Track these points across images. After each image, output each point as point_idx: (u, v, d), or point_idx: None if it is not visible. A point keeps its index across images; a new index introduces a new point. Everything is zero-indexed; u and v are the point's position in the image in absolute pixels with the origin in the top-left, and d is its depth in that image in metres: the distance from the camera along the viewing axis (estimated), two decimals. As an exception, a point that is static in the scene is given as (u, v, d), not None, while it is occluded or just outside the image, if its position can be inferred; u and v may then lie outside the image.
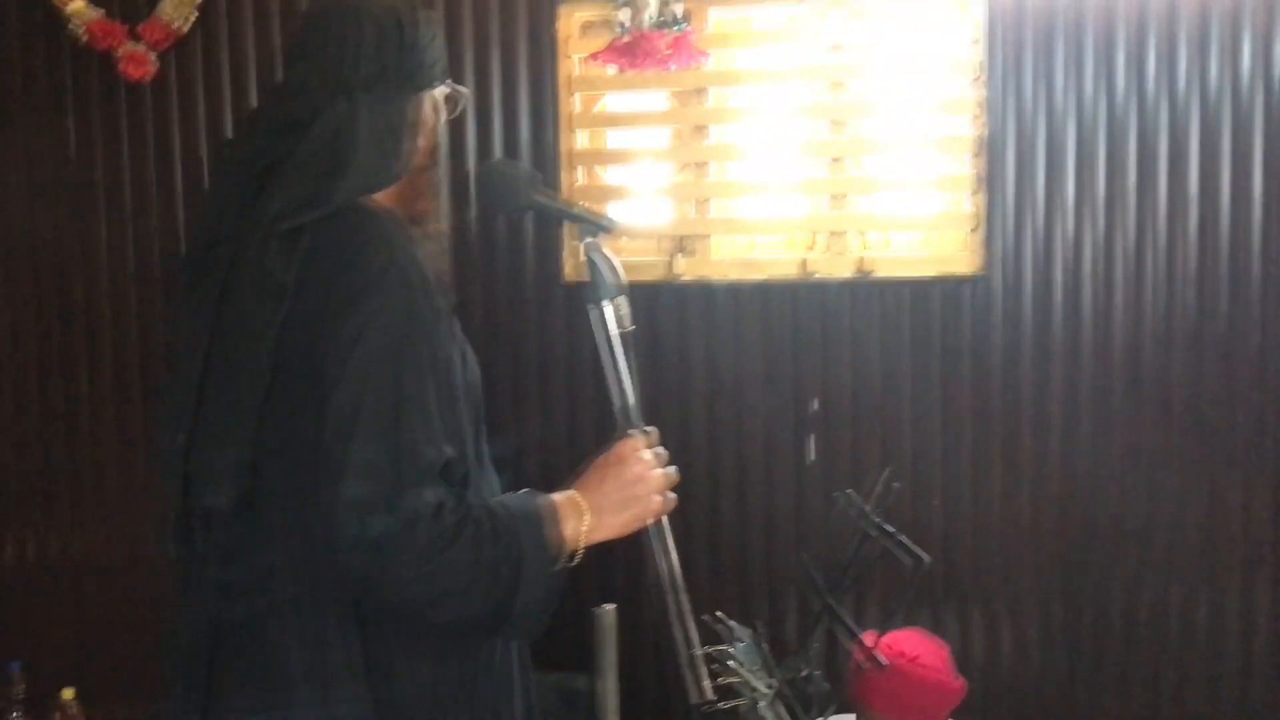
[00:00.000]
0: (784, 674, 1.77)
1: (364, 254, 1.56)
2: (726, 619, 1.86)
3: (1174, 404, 3.01)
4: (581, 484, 1.74)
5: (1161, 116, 2.97)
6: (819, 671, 1.85)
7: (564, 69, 3.13)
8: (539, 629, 1.69)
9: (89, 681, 3.38)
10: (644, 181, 3.21)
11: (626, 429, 1.81)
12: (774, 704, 1.65)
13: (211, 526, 1.65)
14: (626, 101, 3.20)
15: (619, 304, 1.80)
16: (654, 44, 2.21)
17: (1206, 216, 2.98)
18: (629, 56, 2.23)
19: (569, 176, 3.17)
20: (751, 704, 1.65)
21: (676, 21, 2.26)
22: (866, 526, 1.95)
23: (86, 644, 3.44)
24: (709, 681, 1.75)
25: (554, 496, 1.69)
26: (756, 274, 3.13)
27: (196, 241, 1.69)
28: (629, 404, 1.81)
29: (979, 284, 3.04)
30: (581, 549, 1.68)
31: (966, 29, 3.02)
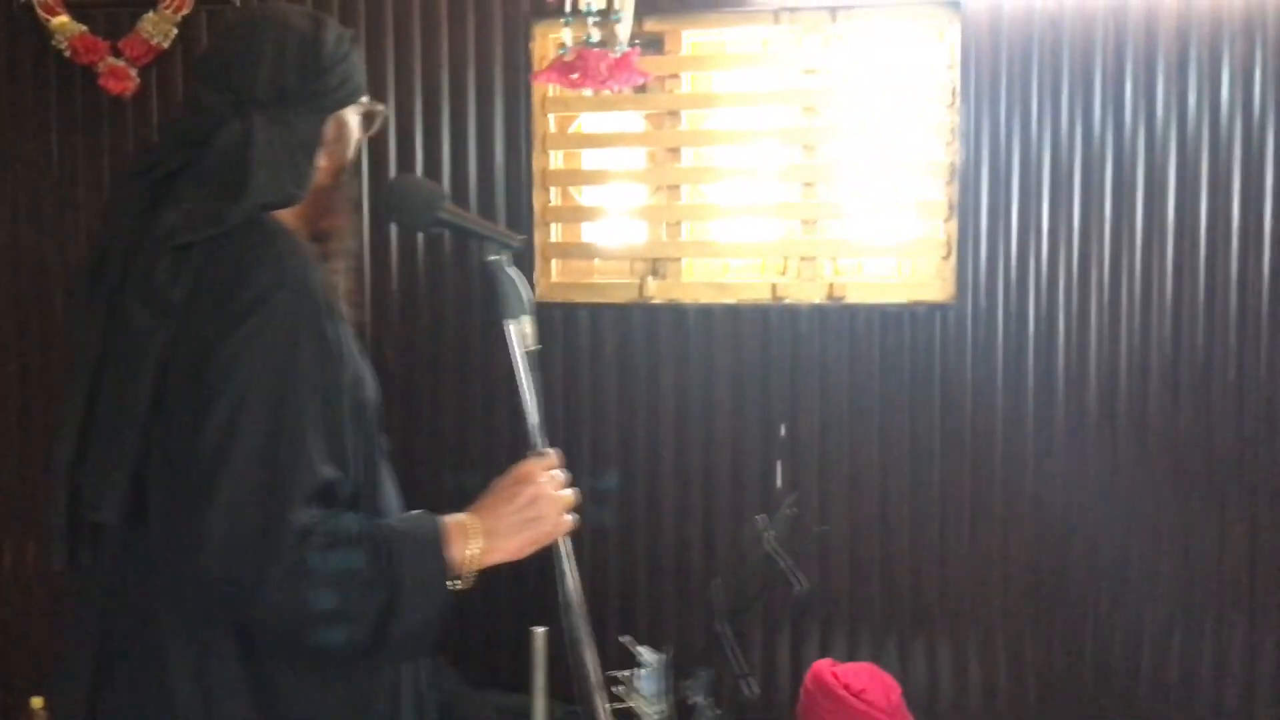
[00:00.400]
0: (675, 698, 1.73)
1: (251, 274, 1.56)
2: (634, 643, 1.82)
3: (1149, 436, 2.95)
4: (477, 506, 1.72)
5: (1139, 144, 2.92)
6: (710, 699, 1.80)
7: (539, 89, 3.13)
8: (423, 652, 1.67)
9: (59, 692, 3.38)
10: (617, 202, 3.20)
11: (537, 446, 1.78)
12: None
13: (100, 540, 1.64)
14: (601, 122, 3.19)
15: (524, 323, 1.77)
16: (594, 64, 2.20)
17: (1183, 246, 2.92)
18: (568, 76, 2.22)
19: (542, 196, 3.17)
20: (637, 730, 1.62)
21: (618, 43, 2.25)
22: (768, 549, 1.92)
23: (56, 654, 3.46)
24: (607, 705, 1.72)
25: (445, 519, 1.67)
26: (727, 297, 3.11)
27: (92, 253, 1.69)
28: (532, 423, 1.78)
29: (951, 311, 3.00)
30: (472, 573, 1.65)
31: (941, 54, 2.99)
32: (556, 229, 3.19)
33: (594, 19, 2.21)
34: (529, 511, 1.71)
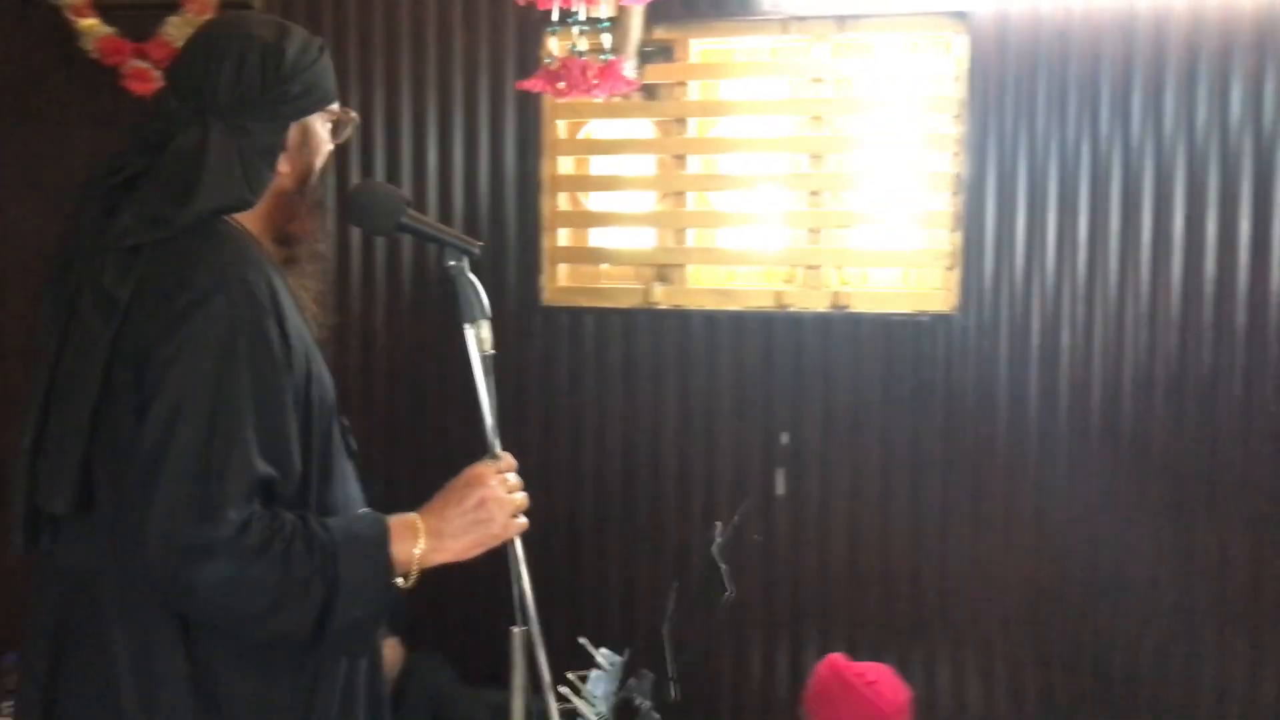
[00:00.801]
0: (619, 699, 1.75)
1: (193, 276, 1.59)
2: (591, 645, 1.85)
3: (1152, 452, 2.93)
4: (427, 507, 1.74)
5: (1146, 158, 2.90)
6: (651, 701, 1.82)
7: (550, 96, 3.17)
8: (364, 647, 1.70)
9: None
10: (624, 208, 3.22)
11: (491, 450, 1.81)
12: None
13: (57, 528, 1.69)
14: (610, 129, 3.22)
15: (482, 327, 1.80)
16: (579, 72, 2.22)
17: (1191, 260, 2.90)
18: (554, 84, 2.25)
19: (550, 201, 3.20)
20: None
21: (604, 51, 2.27)
22: (713, 554, 1.93)
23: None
24: (555, 705, 1.74)
25: (391, 518, 1.70)
26: (732, 304, 3.12)
27: (58, 254, 1.74)
28: (488, 425, 1.81)
29: (954, 322, 2.99)
30: (415, 571, 1.69)
31: (948, 66, 2.98)
32: (565, 234, 3.22)
33: (581, 27, 2.24)
34: (477, 514, 1.73)
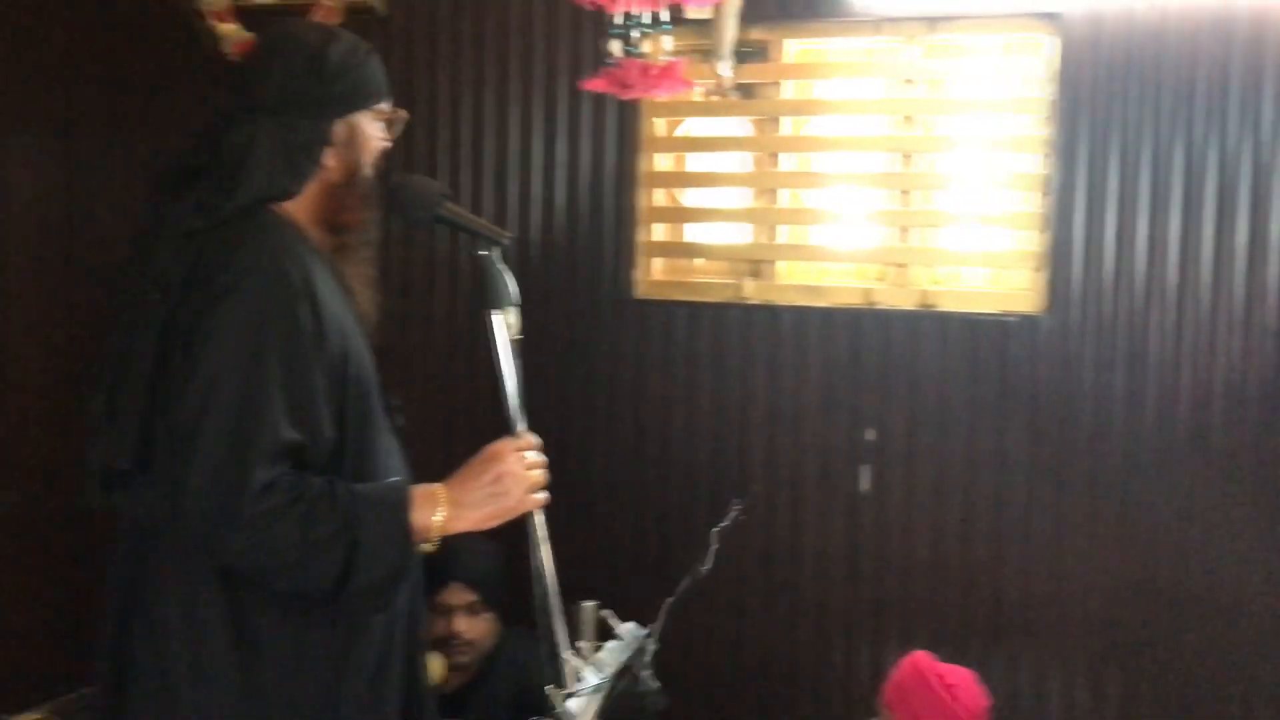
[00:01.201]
0: (622, 669, 1.84)
1: (234, 260, 1.77)
2: (613, 617, 1.94)
3: (1241, 463, 2.86)
4: (451, 479, 1.88)
5: (1243, 158, 2.84)
6: (650, 671, 1.90)
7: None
8: (383, 604, 1.84)
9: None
10: (719, 204, 3.30)
11: (513, 429, 1.92)
12: (579, 698, 1.72)
13: (125, 484, 1.87)
14: (707, 126, 3.30)
15: (509, 313, 1.91)
16: (640, 73, 2.31)
17: (1290, 265, 2.83)
18: (617, 84, 2.34)
19: (647, 196, 3.29)
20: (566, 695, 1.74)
21: (663, 53, 2.35)
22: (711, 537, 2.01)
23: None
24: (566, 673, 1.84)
25: (414, 488, 1.84)
26: (821, 301, 3.17)
27: (134, 241, 1.93)
28: (512, 405, 1.92)
29: (1041, 323, 2.98)
30: (435, 537, 1.82)
31: (1039, 67, 2.97)
32: (660, 228, 3.31)
33: (643, 30, 2.33)
34: (495, 487, 1.86)
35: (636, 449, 3.32)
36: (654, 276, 3.33)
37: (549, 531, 1.97)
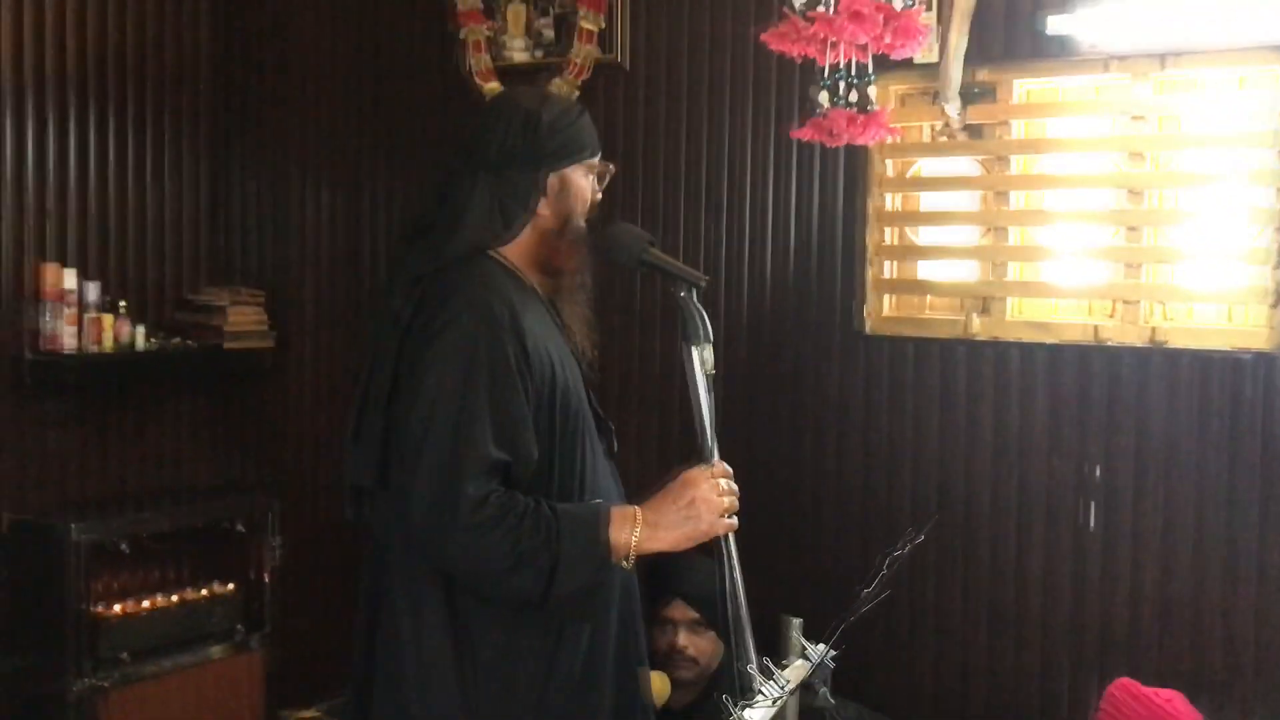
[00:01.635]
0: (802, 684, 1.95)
1: (450, 301, 2.03)
2: (801, 635, 2.06)
3: None
4: (648, 502, 2.07)
5: None
6: (826, 686, 2.00)
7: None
8: (588, 614, 2.05)
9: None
10: (949, 241, 3.37)
11: (707, 457, 2.08)
12: (754, 709, 1.84)
13: (370, 501, 2.15)
14: (937, 166, 3.38)
15: (705, 349, 2.07)
16: (845, 122, 2.44)
17: None
18: (825, 133, 2.48)
19: (877, 234, 3.40)
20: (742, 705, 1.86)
21: (869, 103, 2.47)
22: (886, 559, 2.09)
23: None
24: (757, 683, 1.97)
25: (614, 508, 2.03)
26: (1049, 337, 3.19)
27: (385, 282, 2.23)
28: (707, 437, 2.08)
29: (1276, 361, 2.91)
30: (633, 554, 2.00)
31: (1273, 100, 2.92)
32: (889, 265, 3.41)
33: (848, 80, 2.46)
34: (688, 511, 2.04)
35: (865, 481, 3.41)
36: (884, 313, 3.42)
37: (780, 555, 2.11)
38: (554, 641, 2.08)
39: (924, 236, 3.41)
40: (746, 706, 1.85)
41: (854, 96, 2.49)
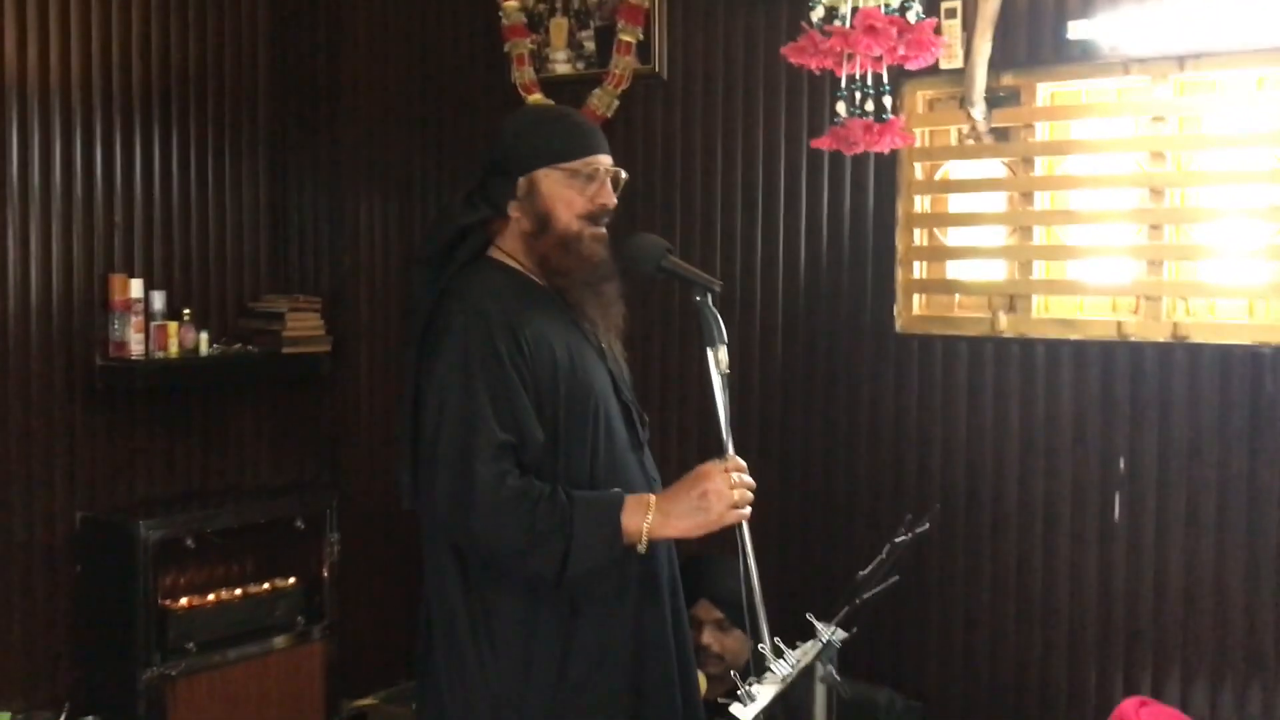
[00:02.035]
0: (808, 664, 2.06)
1: (449, 307, 2.23)
2: (815, 619, 2.17)
3: None
4: (664, 491, 2.21)
5: None
6: (832, 665, 2.11)
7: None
8: (598, 594, 2.20)
9: None
10: (977, 242, 3.46)
11: (725, 451, 2.21)
12: (764, 685, 1.95)
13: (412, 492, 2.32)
14: (965, 169, 3.48)
15: (720, 350, 2.19)
16: (862, 132, 2.55)
17: None
18: (844, 141, 2.59)
19: (907, 236, 3.50)
20: (750, 680, 1.98)
21: (885, 111, 2.58)
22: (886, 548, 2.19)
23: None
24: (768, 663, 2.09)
25: (630, 495, 2.17)
26: (1074, 334, 3.27)
27: None
28: (723, 431, 2.20)
29: (1295, 355, 2.98)
30: (646, 539, 2.14)
31: (1289, 98, 2.99)
32: (920, 266, 3.51)
33: (865, 91, 2.57)
34: (700, 502, 2.17)
35: (896, 474, 3.52)
36: (914, 312, 3.52)
37: (812, 547, 2.21)
38: (569, 619, 2.23)
39: (953, 237, 3.50)
40: (755, 683, 1.97)
41: (870, 106, 2.59)
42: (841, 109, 2.60)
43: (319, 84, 4.45)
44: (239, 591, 4.14)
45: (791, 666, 2.01)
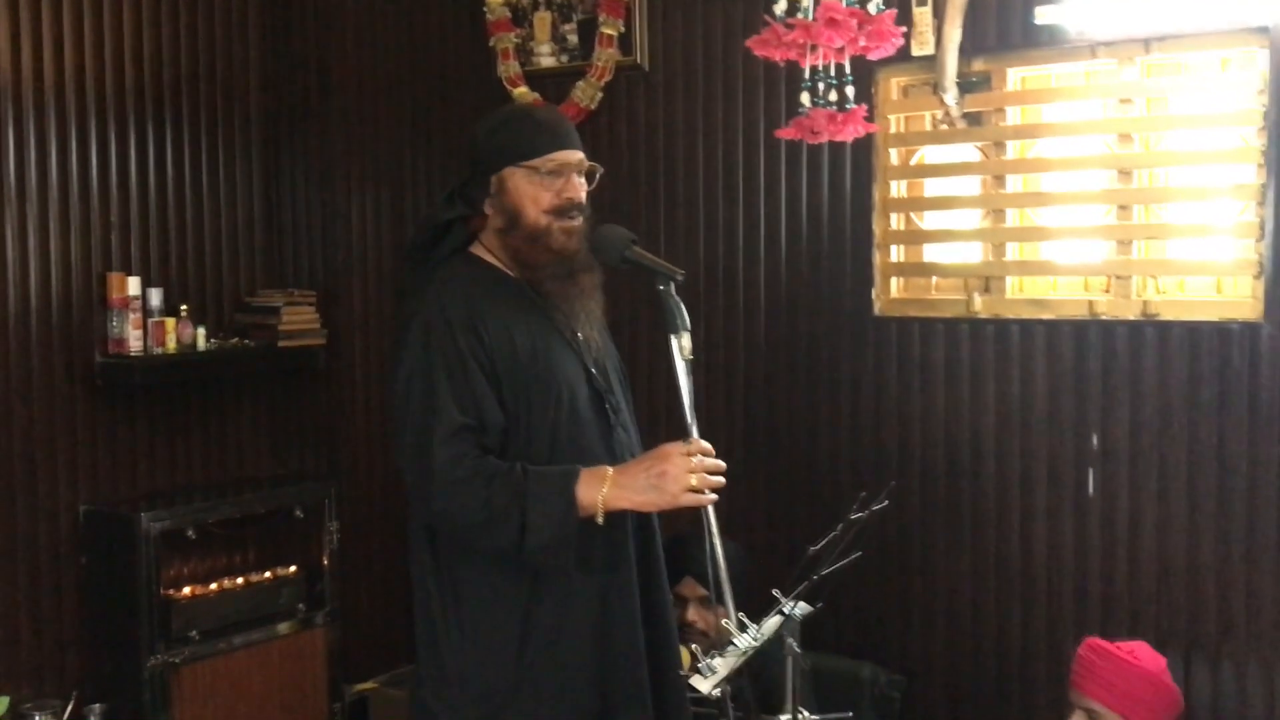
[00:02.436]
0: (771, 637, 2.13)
1: (410, 306, 2.38)
2: (781, 595, 2.24)
3: None
4: (623, 465, 2.34)
5: None
6: (793, 640, 2.18)
7: (882, 127, 3.55)
8: (563, 565, 2.30)
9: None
10: (951, 225, 3.53)
11: (687, 434, 2.29)
12: (724, 658, 2.03)
13: None
14: (939, 154, 3.55)
15: (684, 337, 2.27)
16: (826, 120, 2.61)
17: None
18: (805, 130, 2.65)
19: (884, 221, 3.57)
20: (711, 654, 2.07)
21: (848, 101, 2.64)
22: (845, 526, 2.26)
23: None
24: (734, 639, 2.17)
25: (586, 469, 2.29)
26: (1047, 313, 3.34)
27: None
28: (686, 415, 2.27)
29: (1261, 330, 3.05)
30: (602, 510, 2.26)
31: (1254, 80, 3.05)
32: (897, 249, 3.58)
33: (828, 81, 2.63)
34: (657, 481, 2.27)
35: (877, 454, 3.59)
36: (892, 295, 3.59)
37: (796, 522, 2.27)
38: (530, 588, 2.34)
39: (928, 221, 3.57)
40: (716, 656, 2.05)
41: (834, 96, 2.65)
42: (805, 99, 2.65)
43: (310, 80, 4.53)
44: (241, 580, 4.23)
45: (755, 640, 2.09)
